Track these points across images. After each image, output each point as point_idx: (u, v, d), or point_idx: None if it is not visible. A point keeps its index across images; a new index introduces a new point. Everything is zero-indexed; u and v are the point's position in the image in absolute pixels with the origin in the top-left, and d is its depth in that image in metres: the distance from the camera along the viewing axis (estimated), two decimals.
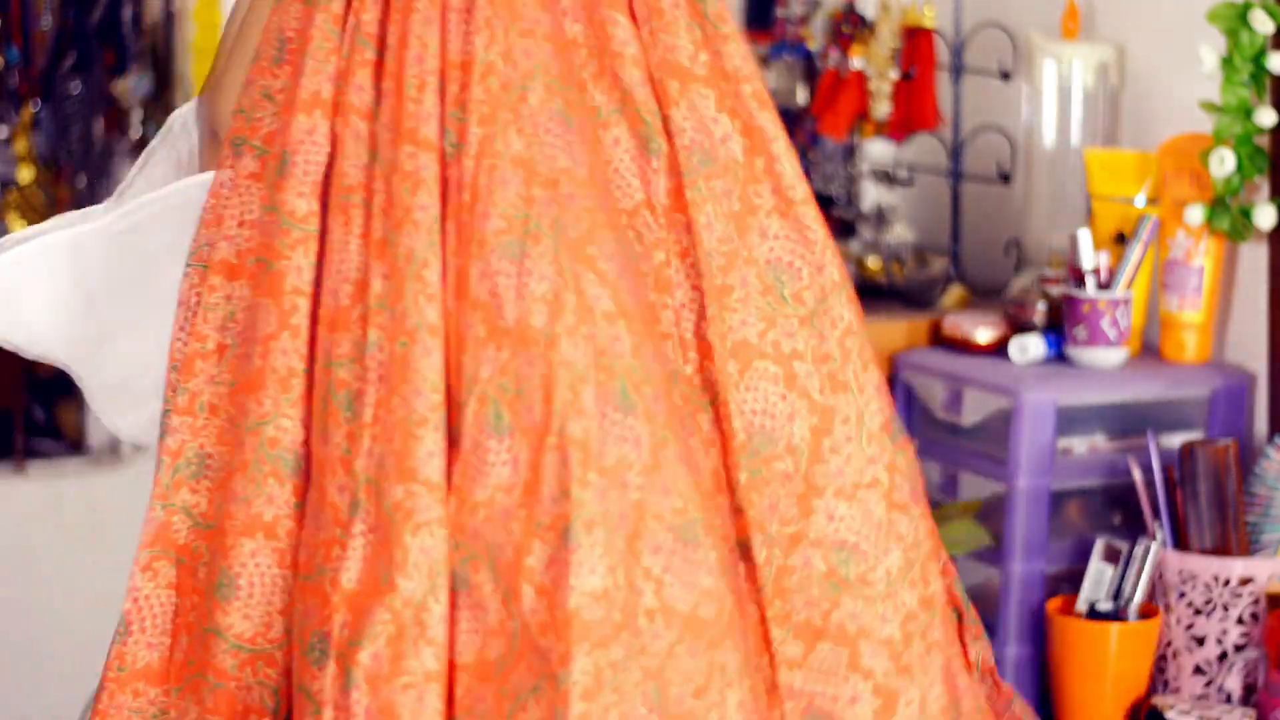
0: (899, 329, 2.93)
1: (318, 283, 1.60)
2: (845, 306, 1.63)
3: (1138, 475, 2.63)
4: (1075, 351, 2.77)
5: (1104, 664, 2.56)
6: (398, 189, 1.57)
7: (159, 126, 3.55)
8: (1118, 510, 2.76)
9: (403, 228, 1.56)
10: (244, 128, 1.66)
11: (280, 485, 1.58)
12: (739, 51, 1.64)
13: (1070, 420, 2.73)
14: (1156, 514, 2.61)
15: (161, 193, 1.75)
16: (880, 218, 3.26)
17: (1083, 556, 2.67)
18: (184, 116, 1.81)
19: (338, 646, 1.51)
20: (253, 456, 1.58)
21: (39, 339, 1.78)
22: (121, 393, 1.79)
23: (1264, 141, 2.72)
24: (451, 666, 1.52)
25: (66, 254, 1.75)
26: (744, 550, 1.58)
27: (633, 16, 1.62)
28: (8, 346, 1.81)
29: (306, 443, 1.58)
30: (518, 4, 1.58)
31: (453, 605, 1.52)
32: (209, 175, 1.75)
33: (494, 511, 1.50)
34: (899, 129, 3.14)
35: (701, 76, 1.62)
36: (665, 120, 1.61)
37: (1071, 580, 2.70)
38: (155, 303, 1.76)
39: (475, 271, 1.54)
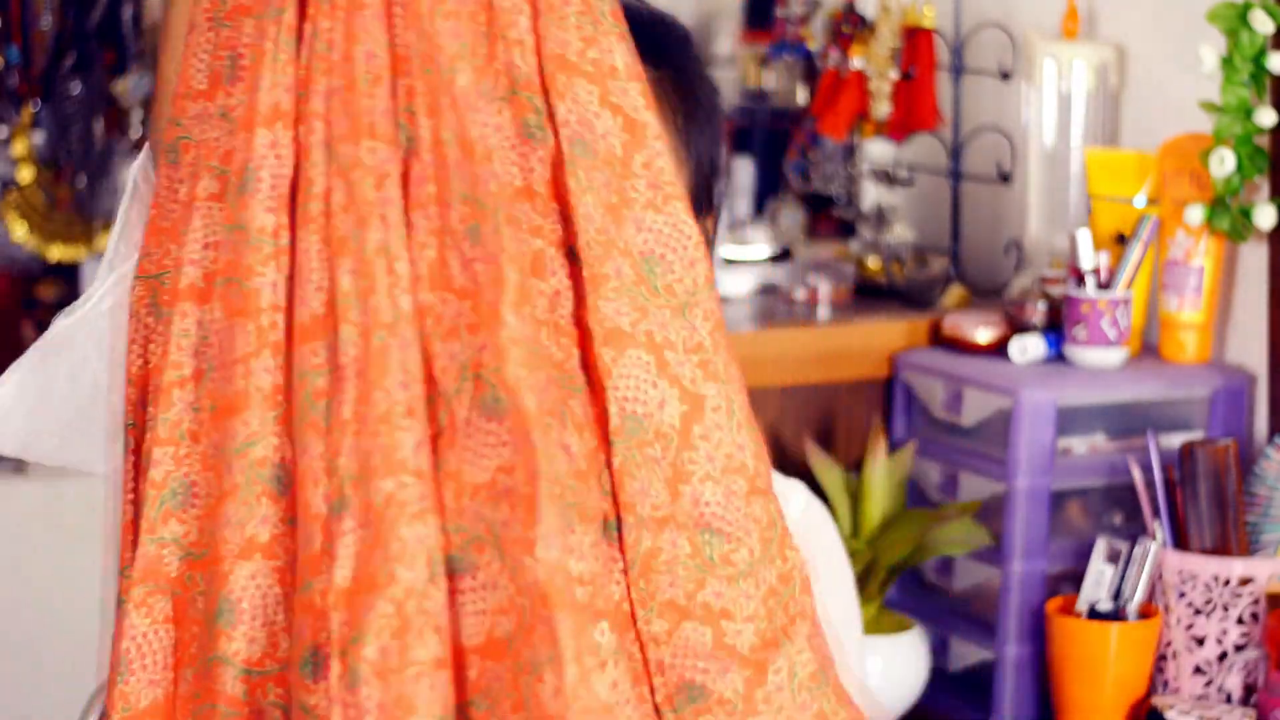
0: (899, 329, 2.93)
1: (290, 297, 1.59)
2: (714, 301, 1.65)
3: (1138, 475, 2.63)
4: (1075, 351, 2.77)
5: (1104, 664, 2.56)
6: (360, 184, 1.55)
7: None
8: (1118, 510, 2.76)
9: (369, 223, 1.55)
10: (173, 132, 1.63)
11: (273, 504, 1.57)
12: (628, 50, 1.65)
13: (1070, 420, 2.73)
14: (1156, 514, 2.61)
15: (81, 311, 1.75)
16: (880, 218, 3.26)
17: (1083, 556, 2.67)
18: (142, 166, 1.79)
19: (340, 645, 1.50)
20: (242, 479, 1.57)
21: (46, 456, 1.82)
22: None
23: (1264, 141, 2.72)
24: (460, 651, 1.53)
25: (32, 382, 1.76)
26: (614, 531, 1.60)
27: (534, 8, 1.62)
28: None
29: (291, 459, 1.58)
30: None
31: (454, 590, 1.53)
32: (122, 279, 1.74)
33: (496, 492, 1.51)
34: (899, 129, 3.14)
35: (587, 72, 1.63)
36: (551, 111, 1.62)
37: (1071, 580, 2.70)
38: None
39: (455, 261, 1.55)
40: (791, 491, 2.36)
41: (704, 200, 1.99)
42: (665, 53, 1.97)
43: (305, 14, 1.60)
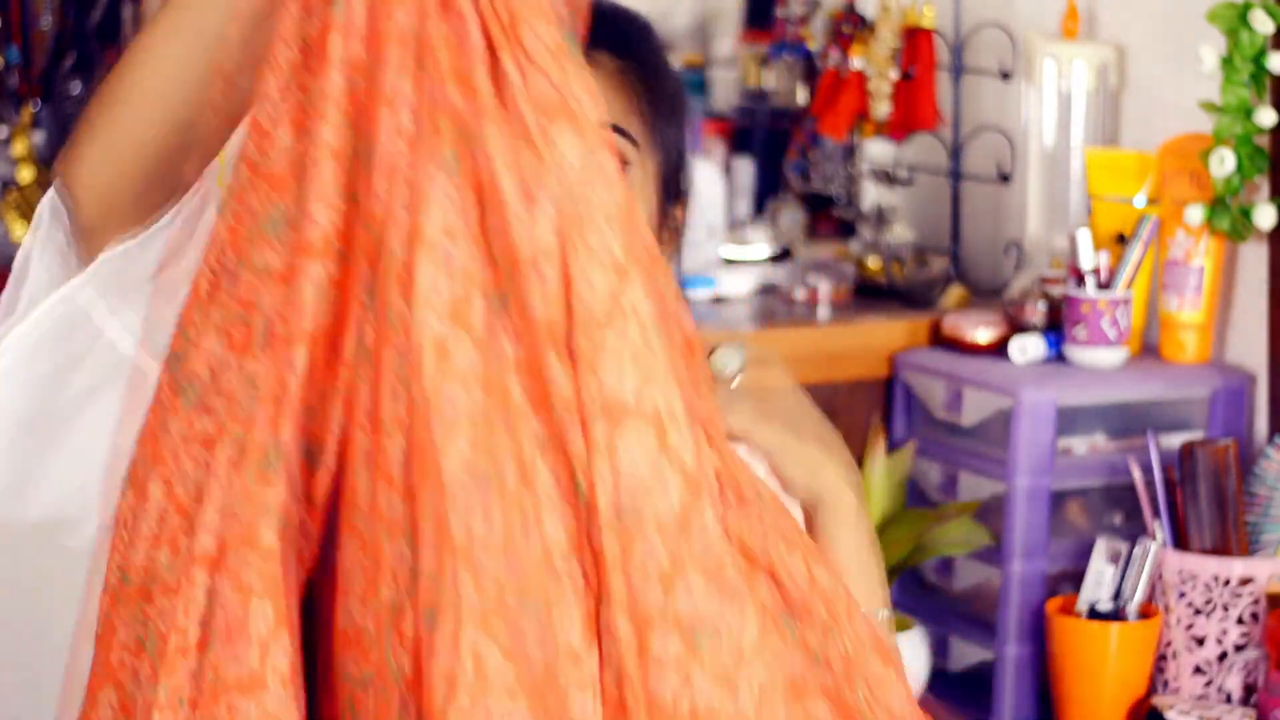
0: (899, 329, 2.93)
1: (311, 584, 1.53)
2: (763, 666, 1.50)
3: (1138, 475, 2.63)
4: (1075, 351, 2.77)
5: (1104, 664, 2.56)
6: (372, 529, 1.46)
7: None
8: (1118, 510, 2.76)
9: (381, 576, 1.46)
10: (183, 344, 1.50)
11: None
12: (702, 378, 1.47)
13: (1070, 420, 2.73)
14: (1156, 514, 2.61)
15: (26, 325, 1.70)
16: (880, 218, 3.26)
17: (1083, 556, 2.67)
18: (51, 203, 1.72)
19: None
20: None
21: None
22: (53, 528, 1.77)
23: (1264, 141, 2.72)
24: None
25: None
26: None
27: (571, 355, 1.44)
28: None
29: None
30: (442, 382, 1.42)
31: None
32: (65, 290, 1.68)
33: None
34: (899, 129, 3.14)
35: (644, 416, 1.43)
36: (590, 467, 1.43)
37: (1071, 580, 2.70)
38: (53, 434, 1.71)
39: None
40: (753, 460, 2.34)
41: (673, 188, 1.97)
42: (628, 43, 1.96)
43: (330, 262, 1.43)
